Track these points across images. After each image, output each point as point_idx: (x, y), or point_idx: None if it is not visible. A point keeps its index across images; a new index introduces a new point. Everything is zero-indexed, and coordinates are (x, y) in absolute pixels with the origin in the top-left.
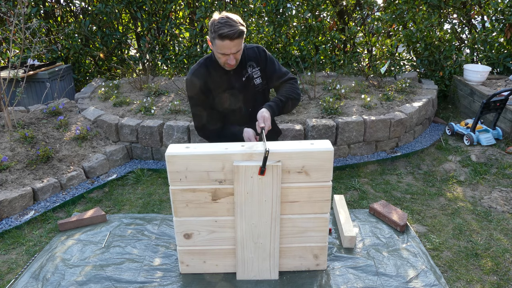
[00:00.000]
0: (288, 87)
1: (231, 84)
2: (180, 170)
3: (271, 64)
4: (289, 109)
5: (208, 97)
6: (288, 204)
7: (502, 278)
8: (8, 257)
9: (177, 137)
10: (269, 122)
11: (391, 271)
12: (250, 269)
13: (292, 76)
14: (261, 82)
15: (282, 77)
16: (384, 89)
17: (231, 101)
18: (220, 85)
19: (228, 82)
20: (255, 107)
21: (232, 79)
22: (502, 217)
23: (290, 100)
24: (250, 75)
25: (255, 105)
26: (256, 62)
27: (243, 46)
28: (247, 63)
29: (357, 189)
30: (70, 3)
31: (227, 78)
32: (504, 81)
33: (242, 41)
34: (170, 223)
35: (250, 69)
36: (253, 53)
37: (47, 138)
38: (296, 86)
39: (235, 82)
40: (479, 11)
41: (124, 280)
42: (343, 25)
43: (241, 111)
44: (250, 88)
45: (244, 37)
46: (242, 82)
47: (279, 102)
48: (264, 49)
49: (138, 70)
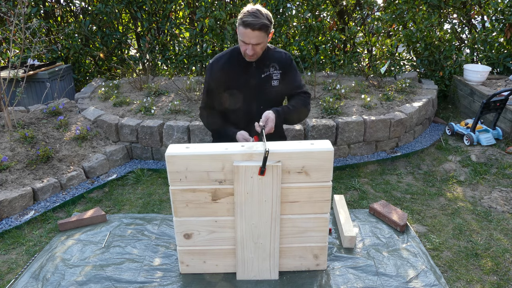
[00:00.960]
0: (300, 99)
1: (248, 76)
2: (180, 170)
3: (293, 72)
4: (295, 120)
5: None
6: (288, 204)
7: (502, 278)
8: (8, 257)
9: (177, 137)
10: (272, 124)
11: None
12: (250, 269)
13: (306, 91)
14: (278, 85)
15: (298, 88)
16: (384, 89)
17: (244, 94)
18: (238, 75)
19: (246, 74)
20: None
21: (251, 72)
22: (502, 217)
23: (298, 110)
24: (269, 75)
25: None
26: (280, 65)
27: (272, 48)
28: (271, 63)
29: (357, 189)
30: (70, 3)
31: (246, 70)
32: (504, 81)
33: (266, 36)
34: (170, 223)
35: (272, 69)
36: (280, 56)
37: (47, 138)
38: (308, 101)
39: (253, 76)
40: (479, 11)
41: (124, 280)
42: (343, 25)
43: (251, 107)
44: (266, 87)
45: (268, 32)
46: (260, 79)
47: (287, 109)
48: (291, 57)
49: (138, 70)
